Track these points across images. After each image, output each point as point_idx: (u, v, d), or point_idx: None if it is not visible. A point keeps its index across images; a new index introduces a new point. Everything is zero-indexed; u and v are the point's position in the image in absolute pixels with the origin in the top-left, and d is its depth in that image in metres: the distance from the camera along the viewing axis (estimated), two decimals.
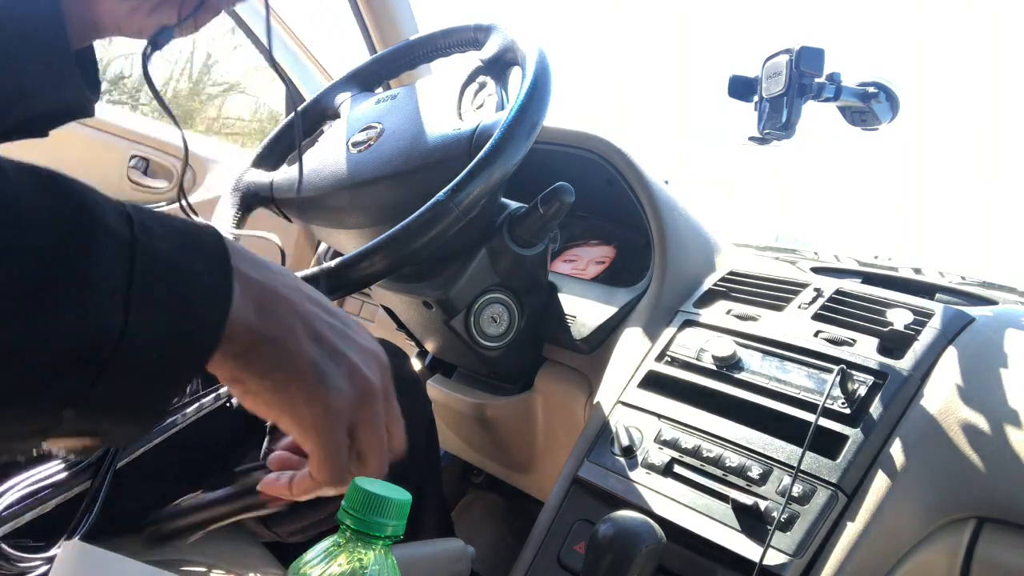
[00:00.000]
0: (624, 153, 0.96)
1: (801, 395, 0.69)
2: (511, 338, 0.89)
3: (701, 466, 0.68)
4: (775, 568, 0.59)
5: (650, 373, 0.79)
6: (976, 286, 0.94)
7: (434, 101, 0.85)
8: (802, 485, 0.63)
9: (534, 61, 0.75)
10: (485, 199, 0.70)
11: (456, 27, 0.90)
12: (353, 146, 0.87)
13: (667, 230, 0.91)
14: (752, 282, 0.88)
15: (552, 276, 0.98)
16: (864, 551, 0.59)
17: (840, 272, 1.00)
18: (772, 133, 0.71)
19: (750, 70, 0.74)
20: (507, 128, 0.70)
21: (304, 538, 0.78)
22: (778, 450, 0.66)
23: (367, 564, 0.37)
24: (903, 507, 0.61)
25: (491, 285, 0.86)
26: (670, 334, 0.83)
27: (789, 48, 0.69)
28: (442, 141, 0.79)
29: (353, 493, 0.37)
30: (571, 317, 0.92)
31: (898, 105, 0.74)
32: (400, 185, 0.81)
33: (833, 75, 0.71)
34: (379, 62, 0.99)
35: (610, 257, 1.04)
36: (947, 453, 0.63)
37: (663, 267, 0.89)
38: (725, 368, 0.75)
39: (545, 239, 0.87)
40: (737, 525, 0.63)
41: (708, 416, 0.72)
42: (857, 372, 0.69)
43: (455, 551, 0.79)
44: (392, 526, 0.37)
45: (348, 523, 0.37)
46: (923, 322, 0.73)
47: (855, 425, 0.65)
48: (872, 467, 0.63)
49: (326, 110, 0.99)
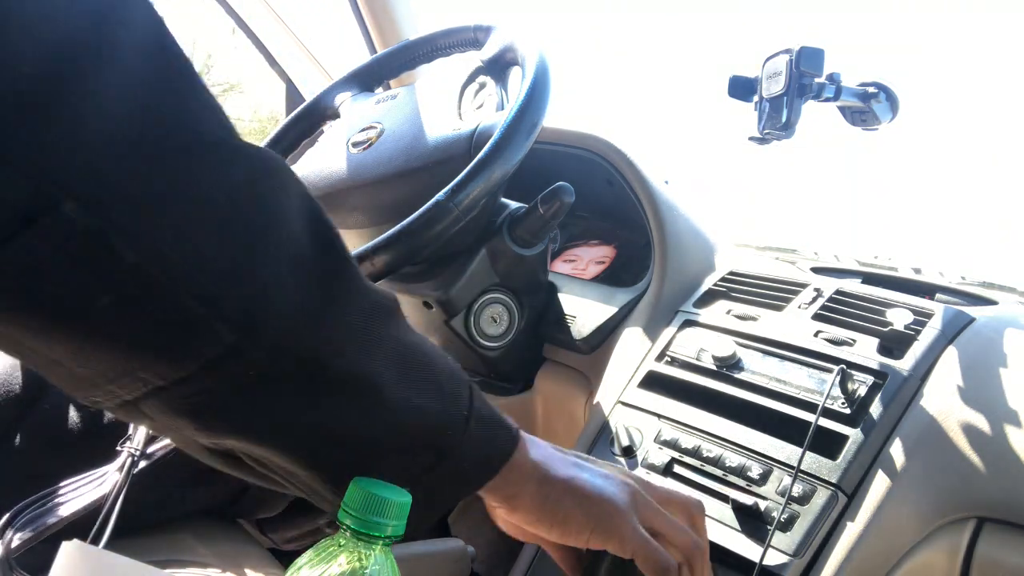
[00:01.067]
0: (624, 153, 0.96)
1: (801, 395, 0.69)
2: (511, 338, 0.89)
3: (701, 466, 0.68)
4: (775, 568, 0.59)
5: (650, 373, 0.79)
6: (976, 286, 0.94)
7: (434, 101, 0.85)
8: (802, 485, 0.63)
9: (534, 61, 0.75)
10: (485, 199, 0.70)
11: (456, 27, 0.90)
12: (353, 146, 0.87)
13: (667, 230, 0.91)
14: (752, 282, 0.88)
15: (552, 276, 0.98)
16: (864, 551, 0.59)
17: (840, 272, 1.00)
18: (772, 133, 0.71)
19: (750, 70, 0.74)
20: (507, 128, 0.70)
21: (299, 547, 0.78)
22: (778, 450, 0.66)
23: (367, 564, 0.36)
24: (903, 507, 0.61)
25: (491, 285, 0.86)
26: (670, 334, 0.83)
27: (789, 48, 0.69)
28: (442, 141, 0.79)
29: (353, 493, 0.37)
30: (571, 317, 0.92)
31: (898, 105, 0.74)
32: (400, 185, 0.81)
33: (833, 75, 0.71)
34: (379, 62, 0.99)
35: (610, 257, 1.04)
36: (947, 453, 0.63)
37: (663, 267, 0.89)
38: (725, 368, 0.75)
39: (545, 239, 0.87)
40: (737, 525, 0.63)
41: (708, 416, 0.72)
42: (857, 372, 0.69)
43: (455, 551, 0.79)
44: (392, 526, 0.37)
45: (348, 523, 0.37)
46: (923, 322, 0.73)
47: (855, 425, 0.65)
48: (872, 467, 0.63)
49: (326, 110, 0.99)
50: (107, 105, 0.28)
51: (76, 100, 0.27)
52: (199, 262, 0.31)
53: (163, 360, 0.32)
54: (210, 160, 0.31)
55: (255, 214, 0.32)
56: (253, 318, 0.32)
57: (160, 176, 0.30)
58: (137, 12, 0.30)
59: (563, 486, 0.45)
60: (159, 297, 0.30)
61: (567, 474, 0.45)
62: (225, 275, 0.31)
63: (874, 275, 0.98)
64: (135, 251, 0.29)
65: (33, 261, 0.28)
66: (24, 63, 0.26)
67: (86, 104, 0.28)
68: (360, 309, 0.37)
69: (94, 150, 0.28)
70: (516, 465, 0.43)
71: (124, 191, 0.29)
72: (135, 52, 0.30)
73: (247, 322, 0.32)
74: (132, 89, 0.29)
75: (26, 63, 0.26)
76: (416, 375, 0.39)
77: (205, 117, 0.32)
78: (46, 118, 0.27)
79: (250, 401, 0.34)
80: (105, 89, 0.28)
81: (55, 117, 0.27)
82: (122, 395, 0.34)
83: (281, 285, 0.33)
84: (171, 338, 0.31)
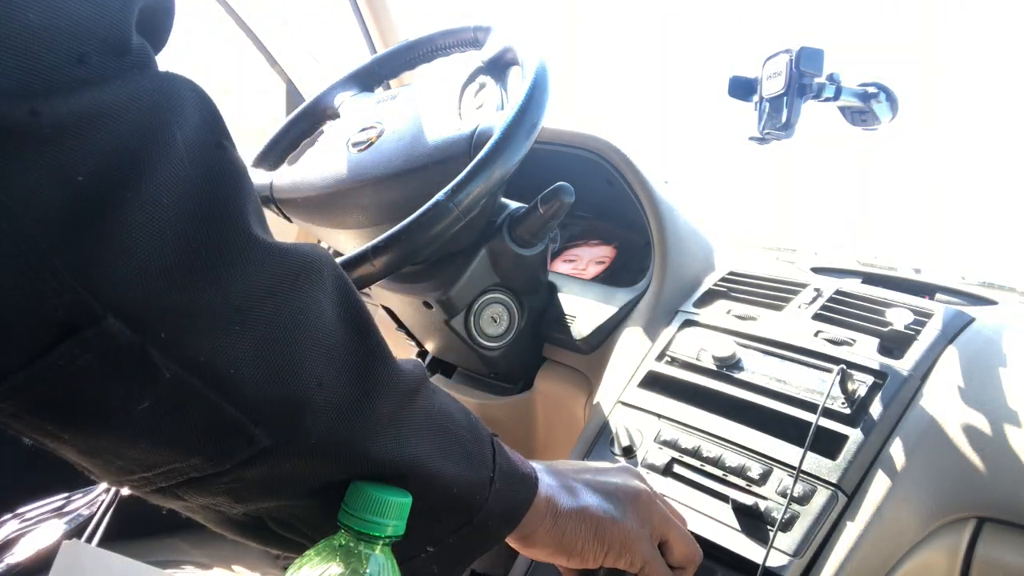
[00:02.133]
0: (624, 153, 0.96)
1: (801, 395, 0.69)
2: (511, 338, 0.89)
3: (701, 466, 0.68)
4: (776, 568, 0.59)
5: (650, 373, 0.79)
6: (976, 286, 0.94)
7: (434, 101, 0.85)
8: (802, 485, 0.63)
9: (534, 61, 0.75)
10: (485, 199, 0.70)
11: (456, 27, 0.90)
12: (353, 146, 0.87)
13: (667, 230, 0.91)
14: (752, 282, 0.88)
15: (552, 276, 0.98)
16: (864, 551, 0.59)
17: (840, 272, 1.00)
18: (772, 133, 0.71)
19: (750, 70, 0.74)
20: (507, 128, 0.70)
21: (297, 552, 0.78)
22: (778, 450, 0.66)
23: (367, 564, 0.36)
24: (903, 507, 0.61)
25: (491, 285, 0.86)
26: (670, 334, 0.83)
27: (789, 48, 0.69)
28: (442, 141, 0.79)
29: (353, 493, 0.37)
30: (571, 317, 0.92)
31: (898, 105, 0.74)
32: (400, 185, 0.81)
33: (833, 75, 0.71)
34: (379, 62, 0.99)
35: (610, 257, 1.04)
36: (947, 453, 0.63)
37: (663, 267, 0.89)
38: (725, 368, 0.75)
39: (545, 239, 0.86)
40: (737, 525, 0.63)
41: (708, 416, 0.72)
42: (857, 372, 0.69)
43: None
44: (392, 526, 0.37)
45: (348, 523, 0.37)
46: (923, 322, 0.73)
47: (855, 425, 0.65)
48: (872, 467, 0.63)
49: (326, 110, 0.99)
50: (156, 213, 0.28)
51: (127, 209, 0.27)
52: (237, 370, 0.31)
53: (198, 456, 0.33)
54: (251, 265, 0.31)
55: (293, 315, 0.33)
56: (290, 420, 0.33)
57: (202, 285, 0.30)
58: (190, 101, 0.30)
59: (577, 517, 0.46)
60: (197, 404, 0.31)
61: (579, 504, 0.47)
62: (262, 381, 0.32)
63: (874, 275, 0.98)
64: (175, 363, 0.30)
65: (74, 368, 0.28)
66: (81, 171, 0.26)
67: (136, 214, 0.28)
68: (393, 397, 0.38)
69: (140, 263, 0.28)
70: (532, 509, 0.45)
71: (166, 305, 0.29)
72: (189, 152, 0.29)
73: (284, 424, 0.33)
74: (184, 188, 0.29)
75: (82, 171, 0.26)
76: (446, 445, 0.40)
77: (248, 211, 0.32)
78: (97, 232, 0.27)
79: (291, 482, 0.36)
80: (156, 196, 0.28)
81: (105, 231, 0.27)
82: (157, 483, 0.34)
83: (318, 384, 0.34)
84: (206, 440, 0.32)
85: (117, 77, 0.27)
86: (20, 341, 0.27)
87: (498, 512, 0.42)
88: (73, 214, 0.26)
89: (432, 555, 0.41)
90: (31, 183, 0.25)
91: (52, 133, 0.25)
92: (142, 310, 0.28)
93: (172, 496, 0.36)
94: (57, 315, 0.27)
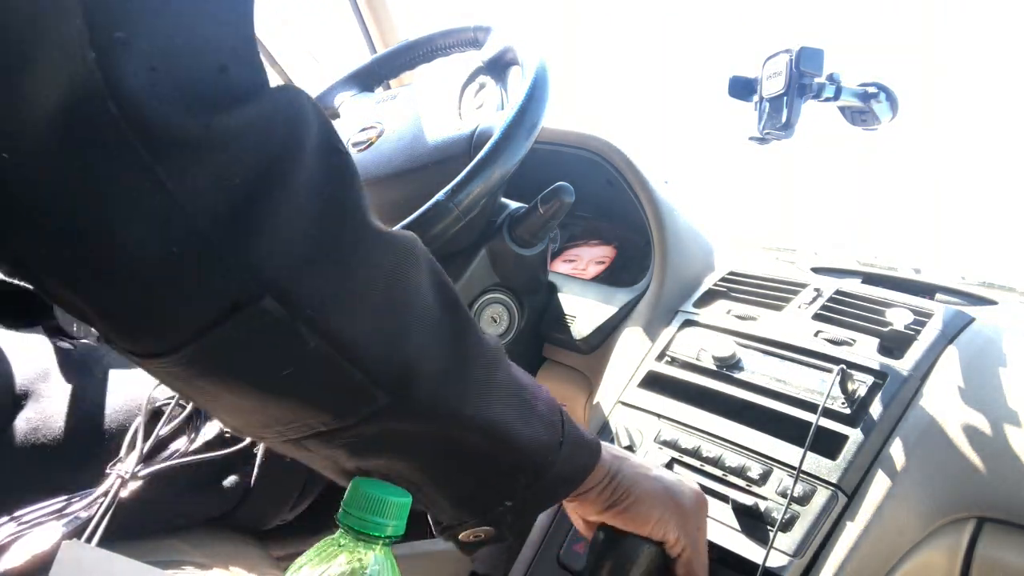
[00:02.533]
0: (624, 153, 0.96)
1: (801, 395, 0.69)
2: (511, 338, 0.89)
3: (701, 466, 0.68)
4: (776, 569, 0.59)
5: (650, 373, 0.79)
6: (976, 286, 0.94)
7: (434, 101, 0.85)
8: (802, 485, 0.63)
9: (534, 61, 0.75)
10: (485, 199, 0.70)
11: (456, 27, 0.90)
12: (353, 146, 0.87)
13: (667, 230, 0.91)
14: (752, 282, 0.88)
15: (552, 276, 0.98)
16: (864, 551, 0.59)
17: (840, 272, 1.00)
18: (772, 133, 0.71)
19: (750, 70, 0.74)
20: (507, 128, 0.70)
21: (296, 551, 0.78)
22: (778, 450, 0.66)
23: (367, 564, 0.36)
24: (903, 507, 0.61)
25: (491, 285, 0.86)
26: (670, 334, 0.83)
27: (789, 48, 0.69)
28: (442, 141, 0.79)
29: (353, 493, 0.37)
30: (571, 317, 0.92)
31: (898, 105, 0.74)
32: (400, 185, 0.81)
33: (833, 75, 0.71)
34: (379, 62, 0.99)
35: (610, 257, 1.04)
36: (947, 453, 0.63)
37: (663, 267, 0.89)
38: (725, 368, 0.75)
39: (545, 239, 0.87)
40: (737, 526, 0.63)
41: (708, 416, 0.72)
42: (857, 372, 0.69)
43: (455, 551, 0.78)
44: (392, 526, 0.37)
45: (348, 523, 0.37)
46: (923, 322, 0.73)
47: (855, 425, 0.65)
48: (872, 467, 0.63)
49: (326, 110, 0.99)
50: (296, 210, 0.33)
51: (275, 207, 0.32)
52: (364, 341, 0.37)
53: (328, 413, 0.38)
54: (370, 252, 0.37)
55: (402, 294, 0.39)
56: (404, 383, 0.39)
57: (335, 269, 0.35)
58: (311, 113, 0.34)
59: (635, 475, 0.52)
60: (330, 369, 0.36)
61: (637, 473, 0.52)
62: (381, 350, 0.38)
63: (874, 275, 0.98)
64: (316, 336, 0.35)
65: (236, 341, 0.33)
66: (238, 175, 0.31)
67: (282, 208, 0.32)
68: (482, 363, 0.44)
69: (289, 251, 0.33)
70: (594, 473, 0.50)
71: (310, 286, 0.34)
72: (315, 151, 0.34)
73: (399, 387, 0.38)
74: (315, 188, 0.34)
75: (239, 175, 0.31)
76: (525, 410, 0.45)
77: (362, 205, 0.37)
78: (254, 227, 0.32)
79: (399, 439, 0.41)
80: (296, 192, 0.33)
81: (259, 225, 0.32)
82: (288, 435, 0.40)
83: (424, 354, 0.39)
84: (336, 399, 0.38)
85: (256, 92, 0.32)
86: (193, 318, 0.32)
87: (564, 474, 0.48)
88: (232, 211, 0.31)
89: (508, 508, 0.47)
90: (200, 185, 0.30)
91: (220, 144, 0.30)
92: (291, 291, 0.33)
93: (300, 447, 0.41)
94: (225, 294, 0.32)
